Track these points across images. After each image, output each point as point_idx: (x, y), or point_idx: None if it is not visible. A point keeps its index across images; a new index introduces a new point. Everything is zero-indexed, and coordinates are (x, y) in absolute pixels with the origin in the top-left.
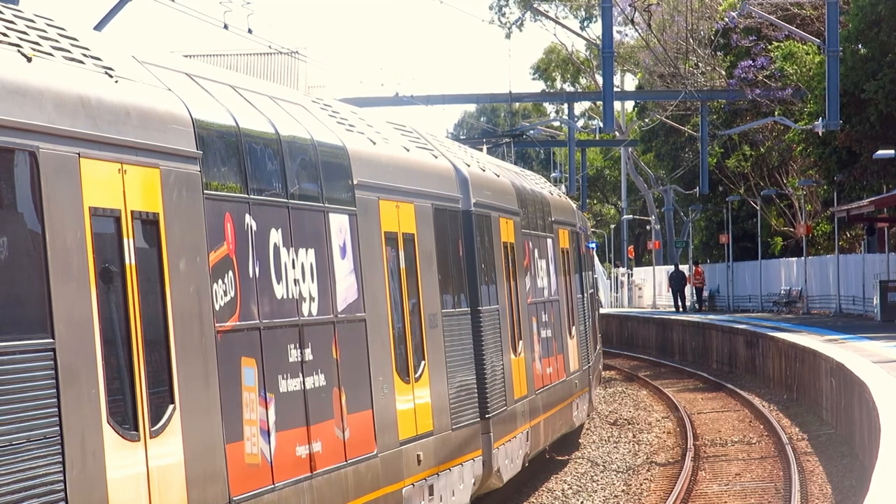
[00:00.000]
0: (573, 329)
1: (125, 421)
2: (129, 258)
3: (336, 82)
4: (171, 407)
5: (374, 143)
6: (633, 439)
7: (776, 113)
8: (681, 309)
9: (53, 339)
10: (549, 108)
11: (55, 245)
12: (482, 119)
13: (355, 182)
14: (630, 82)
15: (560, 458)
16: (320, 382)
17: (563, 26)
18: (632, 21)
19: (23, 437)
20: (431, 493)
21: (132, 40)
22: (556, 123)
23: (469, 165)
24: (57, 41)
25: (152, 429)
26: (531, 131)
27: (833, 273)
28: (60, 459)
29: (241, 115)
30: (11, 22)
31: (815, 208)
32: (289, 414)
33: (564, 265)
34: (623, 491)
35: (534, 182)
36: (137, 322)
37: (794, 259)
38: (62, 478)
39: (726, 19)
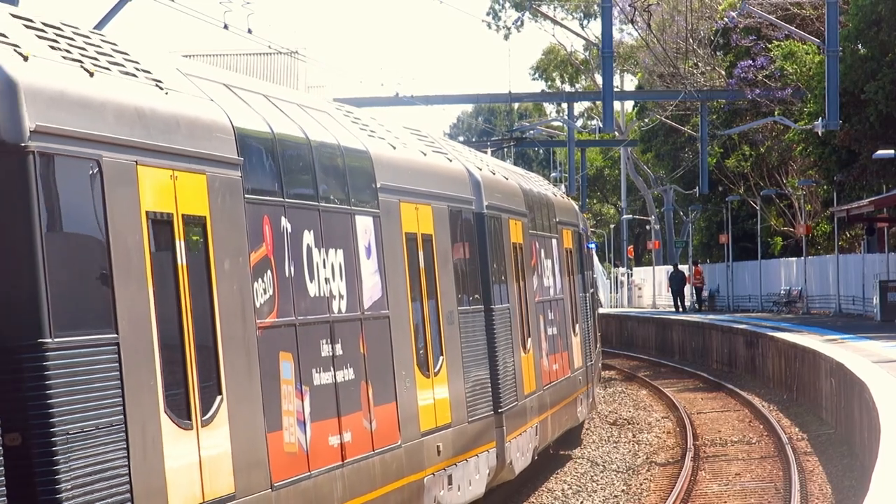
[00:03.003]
0: (577, 327)
1: (180, 411)
2: (181, 259)
3: (336, 82)
4: (218, 398)
5: (395, 148)
6: (633, 439)
7: (776, 113)
8: (680, 309)
9: (117, 333)
10: (550, 107)
11: (118, 247)
12: (480, 119)
13: (378, 185)
14: (630, 82)
15: (564, 452)
16: (349, 376)
17: (563, 26)
18: (632, 21)
19: (92, 425)
20: (450, 483)
21: (136, 41)
22: (556, 123)
23: (481, 169)
24: (112, 56)
25: (203, 418)
26: (531, 131)
27: (833, 273)
28: (125, 446)
29: (275, 123)
30: (72, 39)
31: (814, 208)
32: (322, 405)
33: (568, 265)
34: (623, 491)
35: (538, 184)
36: (188, 318)
37: (794, 259)
38: (126, 463)
39: (726, 19)
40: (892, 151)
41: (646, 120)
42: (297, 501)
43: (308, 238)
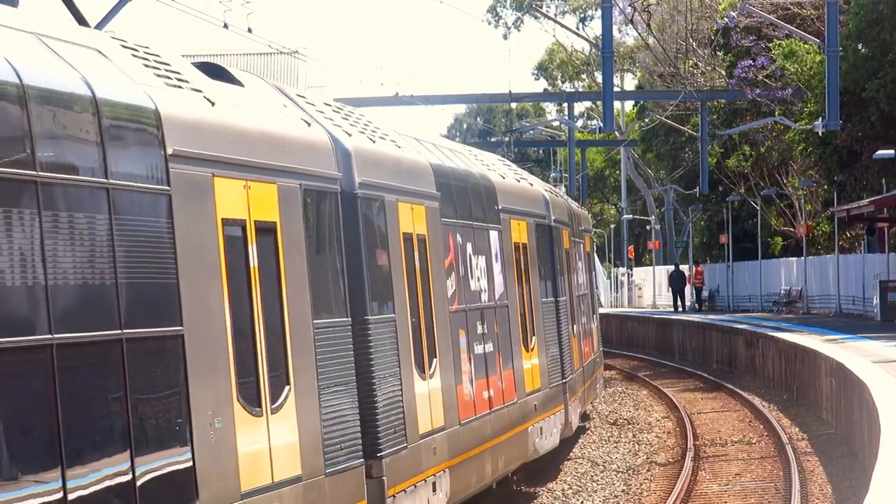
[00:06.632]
0: (594, 318)
1: (420, 366)
2: (417, 264)
3: (336, 82)
4: (435, 359)
5: (504, 178)
6: (633, 439)
7: (776, 113)
8: (680, 309)
9: (394, 314)
10: (550, 107)
11: (392, 257)
12: (479, 119)
13: (500, 207)
14: (630, 82)
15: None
16: (490, 348)
17: (563, 26)
18: (631, 21)
19: (387, 372)
20: (541, 434)
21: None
22: (556, 123)
23: (548, 191)
24: (368, 124)
25: (428, 372)
26: (531, 131)
27: (833, 273)
28: (400, 386)
29: (446, 163)
30: (351, 114)
31: (815, 208)
32: (479, 369)
33: (589, 265)
34: (623, 491)
35: (565, 197)
36: (421, 304)
37: (794, 259)
38: (401, 397)
39: (726, 19)
40: (892, 151)
41: (646, 120)
42: (471, 436)
43: (469, 248)
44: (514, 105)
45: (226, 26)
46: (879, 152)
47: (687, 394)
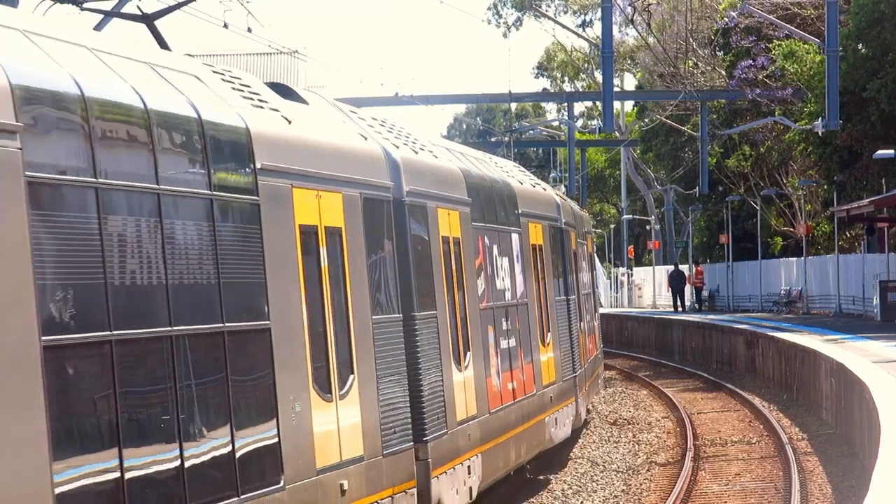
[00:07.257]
0: (597, 315)
1: (456, 358)
2: (452, 265)
3: (336, 82)
4: (468, 353)
5: (522, 184)
6: (633, 439)
7: (776, 113)
8: (679, 309)
9: (436, 311)
10: (549, 106)
11: (434, 257)
12: (479, 119)
13: (519, 211)
14: (630, 82)
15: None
16: (513, 344)
17: (563, 26)
18: (631, 21)
19: (431, 364)
20: (556, 424)
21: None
22: (556, 123)
23: (557, 195)
24: (408, 136)
25: (462, 364)
26: (531, 131)
27: (833, 273)
28: (441, 374)
29: (474, 170)
30: (392, 127)
31: (815, 208)
32: (504, 362)
33: (591, 265)
34: (623, 491)
35: (568, 200)
36: (456, 302)
37: (794, 259)
38: (442, 382)
39: (726, 19)
40: (892, 151)
41: (646, 120)
42: (498, 424)
43: (495, 250)
44: (513, 105)
45: (226, 26)
46: (879, 152)
47: (687, 394)
